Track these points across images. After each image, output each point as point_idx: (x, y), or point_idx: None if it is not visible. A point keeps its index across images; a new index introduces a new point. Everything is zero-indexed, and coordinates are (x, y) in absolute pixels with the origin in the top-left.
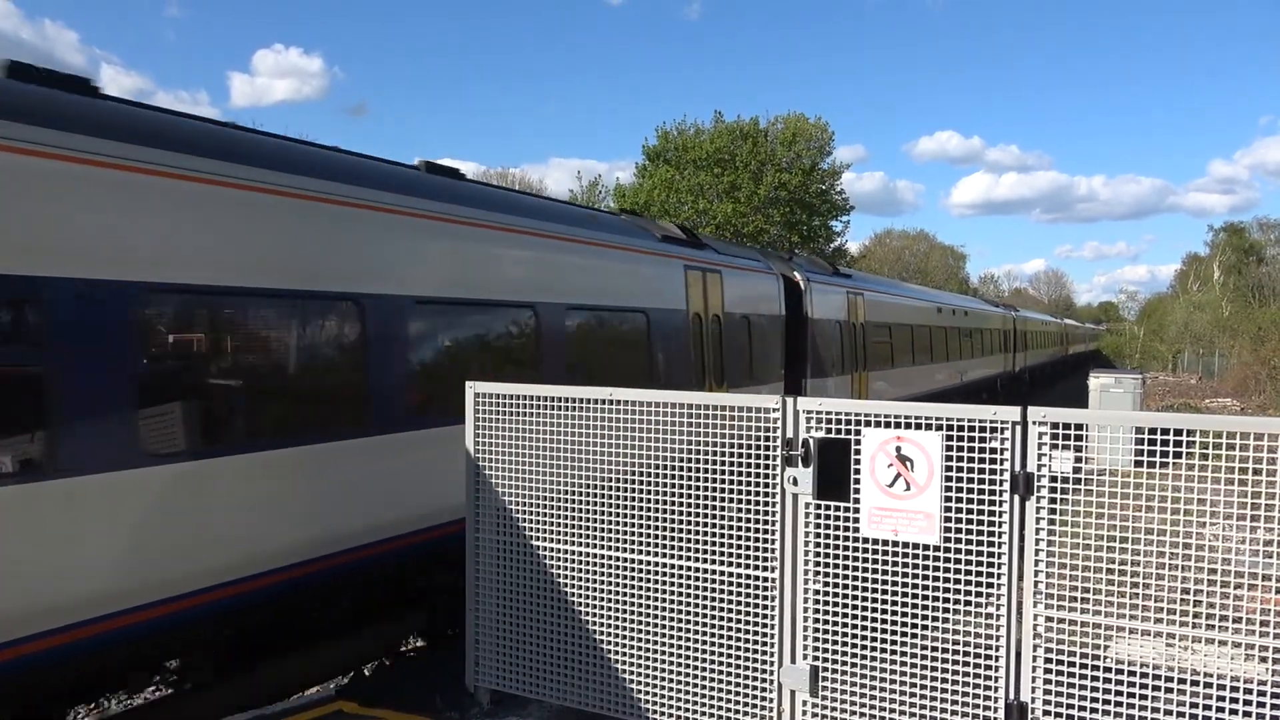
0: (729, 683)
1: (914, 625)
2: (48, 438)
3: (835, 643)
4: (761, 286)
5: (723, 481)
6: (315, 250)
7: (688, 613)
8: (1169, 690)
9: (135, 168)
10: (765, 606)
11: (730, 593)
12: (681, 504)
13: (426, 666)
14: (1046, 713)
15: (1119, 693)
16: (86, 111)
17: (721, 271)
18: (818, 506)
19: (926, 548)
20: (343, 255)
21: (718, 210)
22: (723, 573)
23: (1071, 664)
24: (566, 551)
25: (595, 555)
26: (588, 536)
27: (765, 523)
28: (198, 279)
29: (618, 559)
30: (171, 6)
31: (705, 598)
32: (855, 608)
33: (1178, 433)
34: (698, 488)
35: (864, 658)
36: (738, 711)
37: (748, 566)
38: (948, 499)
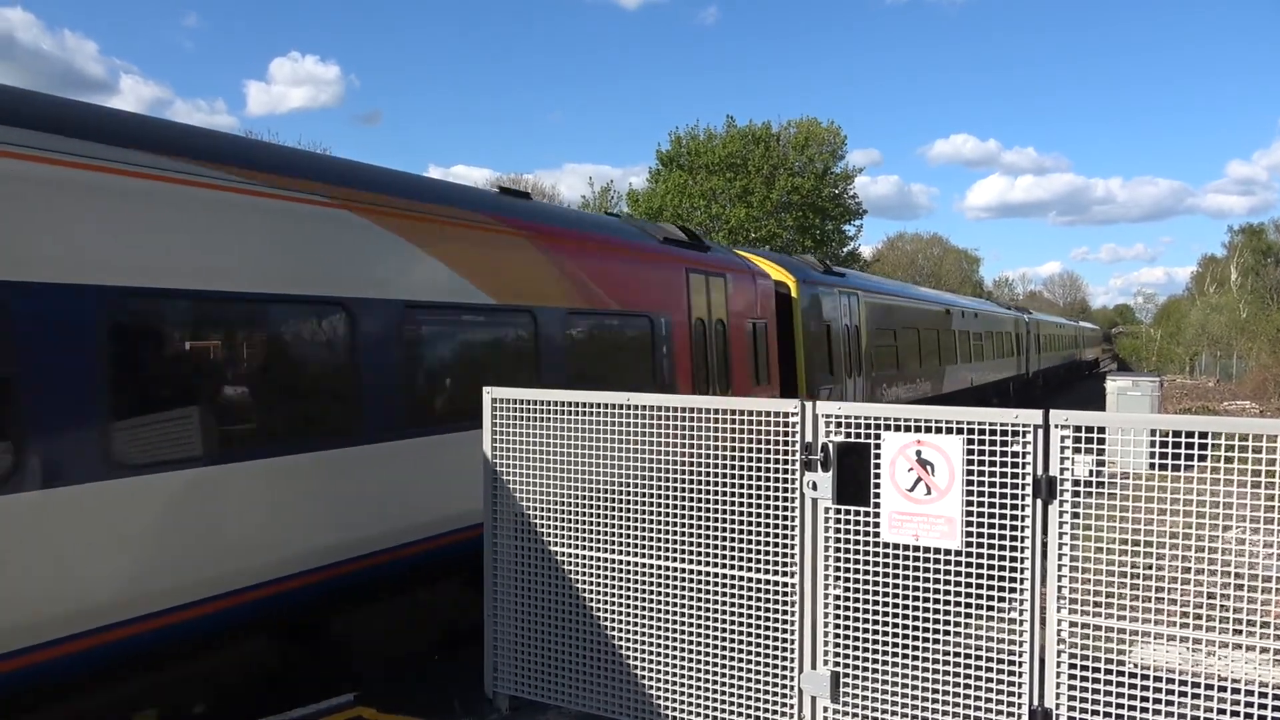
0: (749, 688)
1: (936, 631)
2: None
3: (856, 648)
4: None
5: (742, 486)
6: None
7: (707, 618)
8: (1195, 696)
9: None
10: (785, 612)
11: (750, 598)
12: (700, 509)
13: (444, 672)
14: (1071, 719)
15: (1144, 698)
16: None
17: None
18: (838, 511)
19: (948, 552)
20: None
21: (730, 215)
22: (742, 578)
23: (1096, 669)
24: (584, 557)
25: (614, 561)
26: (606, 542)
27: (785, 528)
28: None
29: (637, 564)
30: (190, 16)
31: (725, 603)
32: (876, 613)
33: (1201, 435)
34: (717, 492)
35: (885, 664)
36: (758, 717)
37: (767, 572)
38: (969, 503)
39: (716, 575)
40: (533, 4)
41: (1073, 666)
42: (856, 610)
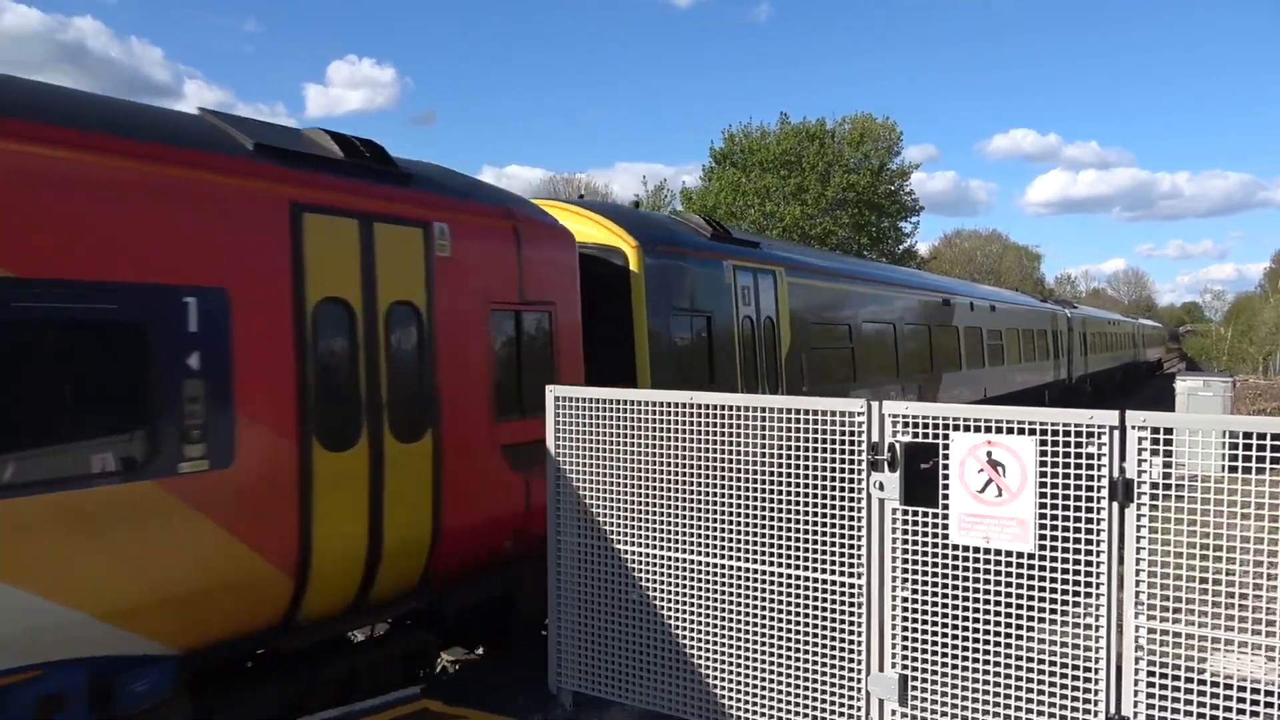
0: (815, 690)
1: (1008, 635)
2: None
3: (925, 651)
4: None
5: (807, 486)
6: None
7: (773, 618)
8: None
9: None
10: (853, 613)
11: (816, 599)
12: (766, 508)
13: (509, 667)
14: None
15: (1226, 708)
16: None
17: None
18: (905, 512)
19: (1020, 555)
20: None
21: (785, 213)
22: (809, 578)
23: (1176, 678)
24: (648, 555)
25: (677, 559)
26: (669, 540)
27: (852, 528)
28: None
29: (700, 563)
30: (250, 21)
31: (791, 604)
32: (945, 616)
33: (1276, 438)
34: (783, 492)
35: (955, 668)
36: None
37: (834, 572)
38: (1042, 505)
39: (782, 575)
40: (585, 3)
41: (1151, 674)
42: (925, 613)
